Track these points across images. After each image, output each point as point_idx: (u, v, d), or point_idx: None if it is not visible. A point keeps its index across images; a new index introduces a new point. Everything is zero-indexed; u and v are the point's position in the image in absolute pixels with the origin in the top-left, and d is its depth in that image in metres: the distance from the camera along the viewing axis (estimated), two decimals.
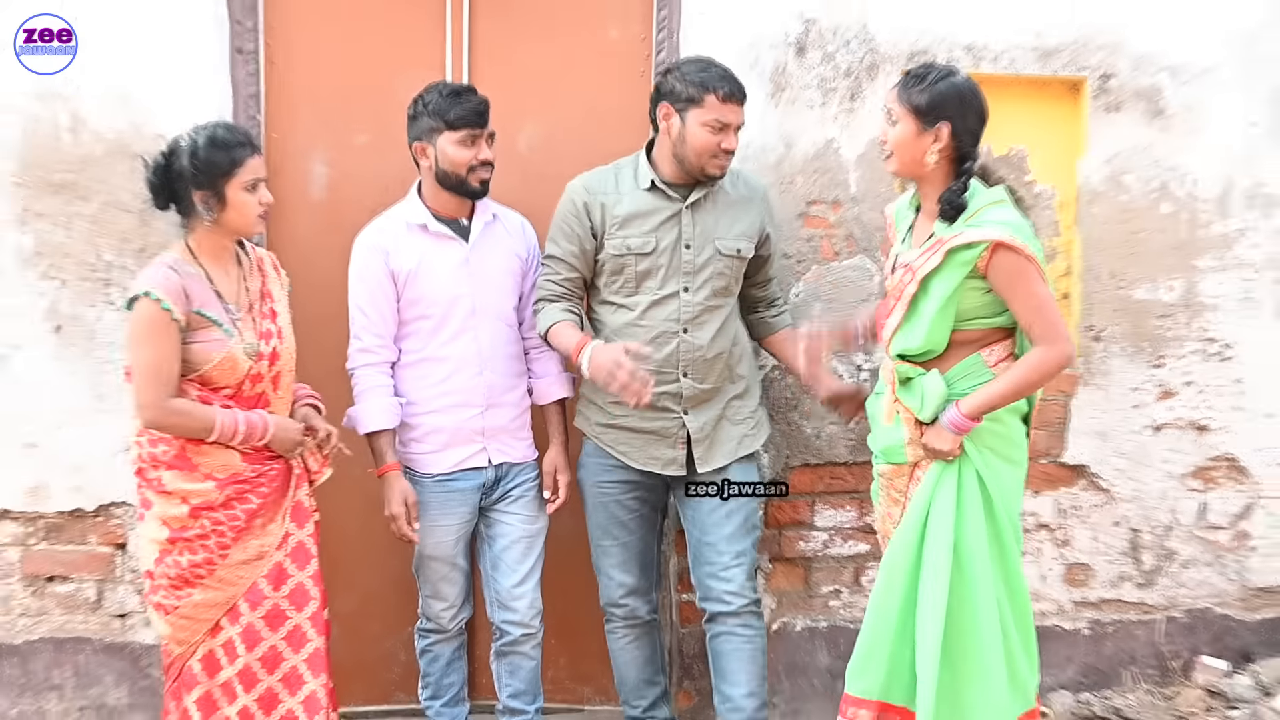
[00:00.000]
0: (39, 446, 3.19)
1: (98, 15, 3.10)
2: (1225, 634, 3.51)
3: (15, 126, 3.11)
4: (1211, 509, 3.48)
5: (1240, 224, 3.39)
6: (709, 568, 2.87)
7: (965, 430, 2.44)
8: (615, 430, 2.88)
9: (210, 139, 2.49)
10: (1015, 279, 2.40)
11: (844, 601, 3.41)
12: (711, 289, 2.82)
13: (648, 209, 2.80)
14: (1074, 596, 3.47)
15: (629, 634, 3.02)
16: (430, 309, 2.85)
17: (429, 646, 3.03)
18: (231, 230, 2.55)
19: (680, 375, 2.82)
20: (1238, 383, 3.43)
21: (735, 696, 2.88)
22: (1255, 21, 3.34)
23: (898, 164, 2.52)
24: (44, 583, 3.26)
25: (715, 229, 2.82)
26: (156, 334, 2.43)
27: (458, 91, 2.82)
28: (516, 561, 2.95)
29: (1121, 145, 3.35)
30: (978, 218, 2.43)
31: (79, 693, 3.26)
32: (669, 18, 3.24)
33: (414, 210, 2.89)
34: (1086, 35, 3.31)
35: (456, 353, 2.86)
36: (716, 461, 2.87)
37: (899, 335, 2.53)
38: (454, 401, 2.87)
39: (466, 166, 2.81)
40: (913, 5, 3.26)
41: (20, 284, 3.15)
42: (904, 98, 2.47)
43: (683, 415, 2.84)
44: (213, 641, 2.54)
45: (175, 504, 2.49)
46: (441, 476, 2.90)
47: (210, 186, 2.49)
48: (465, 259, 2.88)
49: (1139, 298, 3.39)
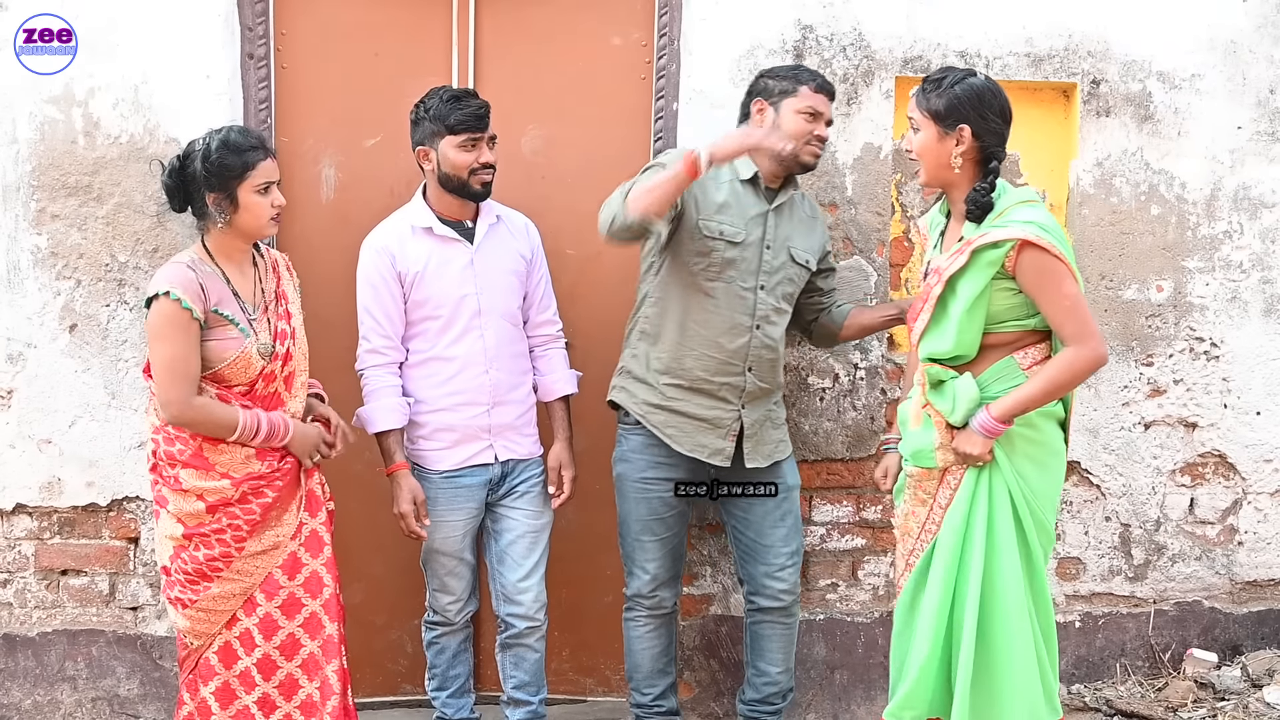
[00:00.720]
0: (53, 442, 3.26)
1: (111, 21, 3.17)
2: (1214, 627, 3.58)
3: (32, 130, 3.18)
4: (1200, 504, 3.55)
5: (1227, 226, 3.47)
6: (765, 567, 3.03)
7: (996, 434, 2.44)
8: (666, 412, 2.93)
9: (223, 142, 2.53)
10: (1044, 278, 2.40)
11: (841, 595, 3.48)
12: (782, 293, 2.94)
13: (740, 202, 2.88)
14: (1066, 590, 3.54)
15: (650, 623, 3.09)
16: (437, 310, 2.91)
17: (436, 639, 3.08)
18: (244, 232, 2.60)
19: (745, 370, 2.90)
20: (1225, 381, 3.51)
21: (771, 672, 3.10)
22: (1240, 28, 3.43)
23: (925, 172, 2.54)
24: (58, 576, 3.32)
25: (791, 237, 2.94)
26: (177, 331, 2.47)
27: (458, 96, 2.88)
28: (522, 556, 3.00)
29: (1111, 149, 3.43)
30: (1005, 217, 2.44)
31: (92, 684, 3.32)
32: (670, 24, 3.32)
33: (419, 213, 2.95)
34: (1076, 42, 3.39)
35: (463, 352, 2.92)
36: (759, 460, 2.96)
37: (927, 338, 2.54)
38: (461, 400, 2.93)
39: (468, 169, 2.87)
40: (907, 12, 3.34)
41: (36, 284, 3.22)
42: (923, 104, 2.49)
43: (740, 409, 2.92)
44: (229, 633, 2.58)
45: (192, 501, 2.53)
46: (449, 473, 2.95)
47: (223, 189, 2.53)
48: (470, 260, 2.93)
49: (1128, 298, 3.47)
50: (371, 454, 3.05)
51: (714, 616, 3.45)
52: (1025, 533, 2.48)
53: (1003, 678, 2.46)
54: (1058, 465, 2.55)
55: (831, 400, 3.40)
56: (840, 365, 3.41)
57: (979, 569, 2.45)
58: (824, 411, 3.38)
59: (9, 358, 3.24)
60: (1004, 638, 2.46)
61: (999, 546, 2.46)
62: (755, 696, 3.13)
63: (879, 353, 3.41)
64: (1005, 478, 2.47)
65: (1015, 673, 2.45)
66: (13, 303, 3.22)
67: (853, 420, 3.40)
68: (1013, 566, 2.46)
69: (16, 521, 3.30)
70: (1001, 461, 2.47)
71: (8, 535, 3.30)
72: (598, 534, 3.42)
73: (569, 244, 3.35)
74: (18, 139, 3.19)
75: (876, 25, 3.33)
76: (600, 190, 3.33)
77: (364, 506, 3.33)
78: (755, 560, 3.05)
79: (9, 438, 3.26)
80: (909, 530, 2.63)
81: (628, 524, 3.03)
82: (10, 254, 3.21)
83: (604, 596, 3.50)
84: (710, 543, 3.43)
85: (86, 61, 3.18)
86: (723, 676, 3.46)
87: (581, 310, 3.37)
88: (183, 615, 2.58)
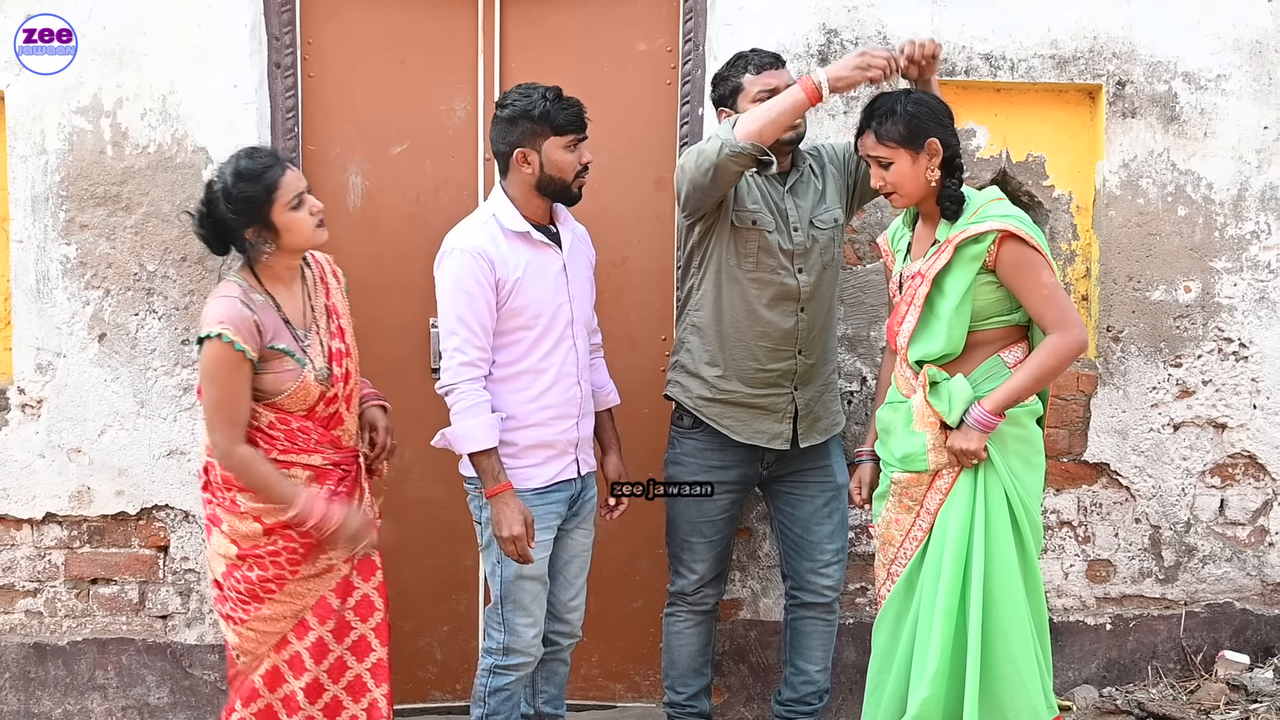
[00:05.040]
0: (83, 451, 3.27)
1: (140, 31, 3.19)
2: (1246, 628, 3.56)
3: (60, 140, 3.20)
4: (1230, 505, 3.54)
5: (1254, 226, 3.46)
6: (810, 564, 3.04)
7: (991, 427, 2.46)
8: (720, 404, 2.92)
9: (237, 174, 2.41)
10: (1023, 269, 2.45)
11: (870, 598, 3.46)
12: (821, 263, 2.91)
13: (762, 192, 2.88)
14: (1096, 592, 3.53)
15: (691, 619, 3.08)
16: (534, 319, 2.72)
17: (507, 685, 2.79)
18: (294, 250, 2.50)
19: (796, 353, 2.90)
20: (1254, 381, 3.49)
21: (810, 671, 3.09)
22: (1266, 28, 3.42)
23: (905, 197, 2.55)
24: (88, 585, 3.33)
25: (812, 209, 2.92)
26: (227, 373, 2.39)
27: (560, 95, 2.70)
28: (575, 575, 2.91)
29: (1137, 150, 3.42)
30: (981, 214, 2.49)
31: (122, 693, 3.32)
32: (695, 30, 3.33)
33: (511, 217, 2.73)
34: (1101, 44, 3.38)
35: (557, 363, 2.75)
36: (815, 437, 2.97)
37: (917, 342, 2.55)
38: (554, 414, 2.76)
39: (573, 171, 2.72)
40: (931, 15, 3.33)
41: (65, 293, 3.23)
42: (885, 136, 2.50)
43: (793, 390, 2.92)
44: (277, 657, 2.51)
45: (249, 523, 2.46)
46: (541, 490, 2.77)
47: (257, 220, 2.42)
48: (563, 266, 2.78)
49: (1156, 299, 3.46)
50: (398, 459, 3.04)
51: (744, 621, 3.44)
52: (1020, 530, 2.51)
53: (1006, 679, 2.48)
54: (1041, 462, 2.60)
55: (859, 404, 3.40)
56: (867, 368, 3.40)
57: (981, 572, 2.46)
58: (851, 414, 3.37)
59: (38, 367, 3.25)
60: (1005, 639, 2.47)
61: (997, 548, 2.48)
62: (792, 696, 3.11)
63: None
64: (1001, 477, 2.49)
65: (1018, 673, 2.47)
66: (42, 312, 3.24)
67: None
68: (1011, 567, 2.48)
69: (47, 530, 3.30)
70: (996, 460, 2.49)
71: (38, 544, 3.31)
72: (628, 540, 3.41)
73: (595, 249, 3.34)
74: (46, 150, 3.20)
75: (901, 28, 3.32)
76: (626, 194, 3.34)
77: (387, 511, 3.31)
78: (801, 555, 3.05)
79: (39, 447, 3.27)
80: (890, 539, 2.63)
81: (676, 525, 3.02)
82: (40, 264, 3.23)
83: (634, 602, 3.49)
84: (740, 547, 3.42)
85: (115, 71, 3.19)
86: (752, 682, 3.45)
87: (608, 316, 3.37)
88: (232, 631, 2.53)
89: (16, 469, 3.28)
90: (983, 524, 2.48)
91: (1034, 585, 2.54)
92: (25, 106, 3.20)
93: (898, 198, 2.56)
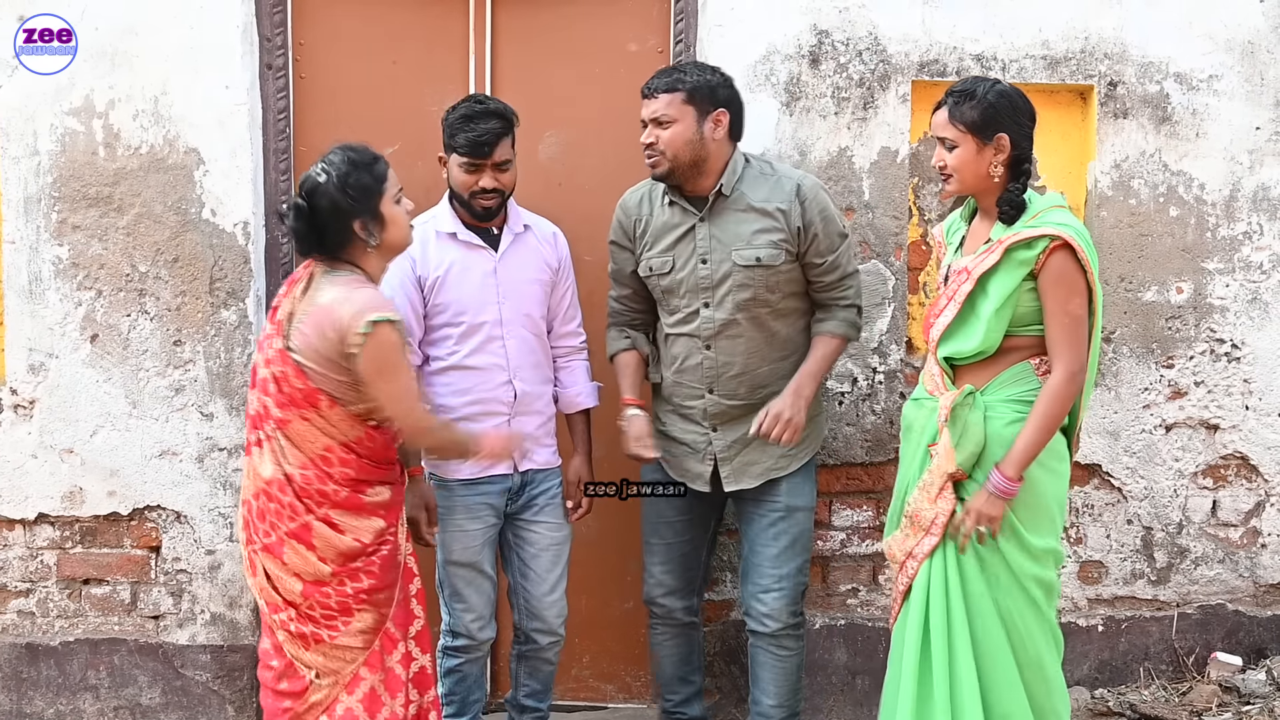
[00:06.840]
0: (75, 452, 3.28)
1: (132, 32, 3.20)
2: (1238, 630, 3.55)
3: (53, 142, 3.21)
4: (1223, 507, 3.53)
5: (1246, 227, 3.46)
6: (751, 587, 2.92)
7: (1012, 492, 2.42)
8: (661, 437, 2.94)
9: (350, 163, 2.39)
10: (1058, 285, 2.41)
11: (861, 600, 3.46)
12: (734, 302, 2.78)
13: (668, 224, 2.85)
14: (1088, 594, 3.52)
15: (668, 633, 3.07)
16: (457, 317, 2.86)
17: (458, 666, 2.96)
18: (393, 248, 2.48)
19: (706, 391, 2.85)
20: (1246, 382, 3.48)
21: (764, 704, 2.97)
22: (1257, 29, 3.41)
23: (960, 184, 2.51)
24: (80, 585, 3.34)
25: (734, 240, 2.78)
26: (401, 354, 2.39)
27: (471, 116, 2.78)
28: (546, 569, 2.96)
29: (1129, 151, 3.42)
30: (1040, 218, 2.45)
31: (114, 693, 3.33)
32: (686, 31, 3.33)
33: (444, 218, 2.90)
34: (1093, 44, 3.38)
35: (484, 361, 2.86)
36: (745, 483, 2.86)
37: (951, 338, 2.53)
38: (482, 409, 2.87)
39: (468, 191, 2.82)
40: (923, 16, 3.33)
41: (57, 294, 3.24)
42: (957, 117, 2.46)
43: (710, 432, 2.88)
44: (373, 676, 2.44)
45: (346, 540, 2.41)
46: (469, 481, 2.89)
47: (368, 210, 2.39)
48: (493, 268, 2.89)
49: (1148, 300, 3.45)
50: None
51: (734, 622, 3.44)
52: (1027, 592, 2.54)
53: None
54: (1064, 469, 2.56)
55: (850, 405, 3.39)
56: (859, 369, 3.40)
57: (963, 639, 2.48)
58: (843, 416, 3.37)
59: (31, 368, 3.26)
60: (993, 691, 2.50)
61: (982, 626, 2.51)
62: None
63: (897, 357, 3.40)
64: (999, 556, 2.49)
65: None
66: (34, 313, 3.25)
67: (872, 425, 3.40)
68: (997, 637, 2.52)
69: (39, 531, 3.31)
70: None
71: (30, 544, 3.32)
72: (617, 541, 3.41)
73: (585, 250, 3.34)
74: (39, 151, 3.21)
75: (892, 30, 3.33)
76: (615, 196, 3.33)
77: None
78: (746, 577, 2.95)
79: (31, 447, 3.28)
80: (893, 556, 2.64)
81: (642, 527, 3.05)
82: (32, 265, 3.24)
83: (624, 603, 3.50)
84: (731, 549, 3.42)
85: (106, 73, 3.20)
86: (744, 683, 3.43)
87: (599, 319, 3.37)
88: (311, 653, 2.42)
89: (9, 469, 3.29)
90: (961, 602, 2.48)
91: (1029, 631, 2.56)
92: (18, 107, 3.21)
93: (952, 182, 2.51)
